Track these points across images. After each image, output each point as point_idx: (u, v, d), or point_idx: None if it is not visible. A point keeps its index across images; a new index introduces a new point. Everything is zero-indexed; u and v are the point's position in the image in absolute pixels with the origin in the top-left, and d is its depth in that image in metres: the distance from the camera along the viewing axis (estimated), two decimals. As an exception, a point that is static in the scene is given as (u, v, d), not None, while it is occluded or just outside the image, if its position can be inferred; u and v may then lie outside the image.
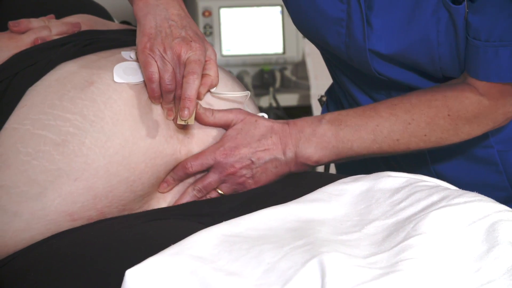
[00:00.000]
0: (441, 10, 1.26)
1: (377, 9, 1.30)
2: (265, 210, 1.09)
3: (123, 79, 1.23)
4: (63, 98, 1.19)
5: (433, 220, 1.04)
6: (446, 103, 1.29)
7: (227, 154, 1.24)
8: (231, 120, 1.26)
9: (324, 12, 1.34)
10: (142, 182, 1.21)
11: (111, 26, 1.47)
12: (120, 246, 1.05)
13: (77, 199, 1.16)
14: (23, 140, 1.16)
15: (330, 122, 1.29)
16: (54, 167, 1.16)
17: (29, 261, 1.10)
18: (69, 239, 1.12)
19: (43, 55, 1.26)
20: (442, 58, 1.30)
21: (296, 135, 1.27)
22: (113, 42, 1.31)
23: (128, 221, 1.15)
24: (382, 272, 0.95)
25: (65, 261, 1.05)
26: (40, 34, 1.33)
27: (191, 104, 1.19)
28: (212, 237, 1.02)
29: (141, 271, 0.95)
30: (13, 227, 1.15)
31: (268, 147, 1.26)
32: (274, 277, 0.95)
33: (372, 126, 1.29)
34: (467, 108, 1.29)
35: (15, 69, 1.23)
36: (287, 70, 3.15)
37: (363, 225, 1.08)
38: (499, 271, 0.98)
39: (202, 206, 1.21)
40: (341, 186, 1.18)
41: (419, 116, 1.29)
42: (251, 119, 1.27)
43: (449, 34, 1.27)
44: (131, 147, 1.20)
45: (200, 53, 1.23)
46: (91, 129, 1.18)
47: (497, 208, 1.07)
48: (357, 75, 1.44)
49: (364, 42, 1.32)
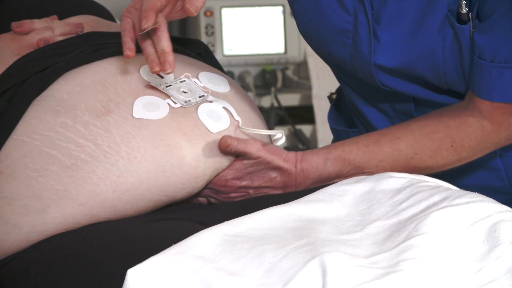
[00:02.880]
0: (447, 28, 1.26)
1: (384, 24, 1.29)
2: (267, 210, 1.09)
3: (142, 115, 1.20)
4: (76, 120, 1.17)
5: (434, 220, 1.04)
6: (449, 134, 1.29)
7: (226, 185, 1.26)
8: (246, 154, 1.25)
9: (331, 22, 1.34)
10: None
11: (114, 27, 1.46)
12: (121, 246, 1.05)
13: (78, 222, 1.16)
14: (32, 155, 1.15)
15: (334, 163, 1.30)
16: (61, 188, 1.14)
17: (29, 261, 1.09)
18: (69, 239, 1.12)
19: (51, 61, 1.24)
20: (448, 73, 1.30)
21: (301, 180, 1.29)
22: (120, 47, 1.27)
23: (129, 221, 1.15)
24: (383, 272, 0.95)
25: (65, 261, 1.05)
26: (43, 35, 1.32)
27: (148, 15, 1.18)
28: (214, 237, 1.02)
29: (143, 270, 0.95)
30: (11, 238, 1.14)
31: (269, 185, 1.28)
32: (276, 277, 0.95)
33: (375, 162, 1.30)
34: (470, 136, 1.29)
35: (22, 76, 1.21)
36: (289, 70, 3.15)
37: (365, 225, 1.08)
38: (500, 271, 0.98)
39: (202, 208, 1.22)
40: (343, 187, 1.18)
41: (422, 150, 1.30)
42: (264, 160, 1.26)
43: (454, 51, 1.27)
44: (144, 191, 1.18)
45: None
46: (104, 160, 1.16)
47: (499, 209, 1.07)
48: (360, 86, 1.44)
49: (370, 56, 1.32)
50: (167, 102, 1.23)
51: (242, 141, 1.24)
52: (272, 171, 1.28)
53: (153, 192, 1.19)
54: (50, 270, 1.05)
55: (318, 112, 2.95)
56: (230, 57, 3.06)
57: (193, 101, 1.25)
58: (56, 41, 1.32)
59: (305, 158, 1.30)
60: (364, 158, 1.30)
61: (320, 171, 1.30)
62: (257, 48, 3.10)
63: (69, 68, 1.23)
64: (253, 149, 1.25)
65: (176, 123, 1.21)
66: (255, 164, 1.26)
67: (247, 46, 3.08)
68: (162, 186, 1.19)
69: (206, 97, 1.26)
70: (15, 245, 1.14)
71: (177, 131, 1.21)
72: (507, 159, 1.41)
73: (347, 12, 1.32)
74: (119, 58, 1.27)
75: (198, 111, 1.24)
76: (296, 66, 3.16)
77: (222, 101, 1.28)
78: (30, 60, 1.25)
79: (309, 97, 3.02)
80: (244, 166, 1.26)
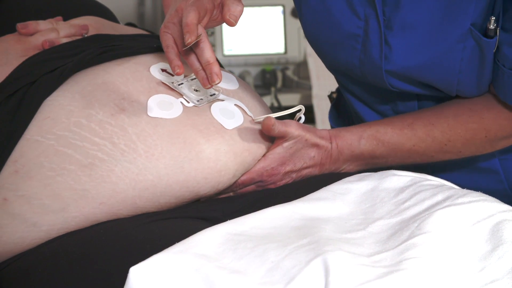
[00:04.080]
0: (469, 40, 1.26)
1: (396, 30, 1.29)
2: (270, 209, 1.09)
3: (157, 114, 1.20)
4: (91, 119, 1.17)
5: (437, 219, 1.04)
6: (483, 126, 1.31)
7: (272, 174, 1.27)
8: (287, 134, 1.26)
9: (340, 27, 1.33)
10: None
11: (119, 28, 1.46)
12: (125, 245, 1.05)
13: (99, 220, 1.15)
14: (47, 155, 1.15)
15: (368, 141, 1.32)
16: (80, 187, 1.14)
17: (34, 260, 1.10)
18: (73, 238, 1.12)
19: (59, 62, 1.24)
20: (461, 83, 1.31)
21: (335, 156, 1.31)
22: (128, 50, 1.29)
23: (133, 220, 1.15)
24: (386, 271, 0.95)
25: (69, 260, 1.05)
26: (48, 37, 1.32)
27: (190, 29, 1.17)
28: (217, 235, 1.02)
29: (145, 268, 0.95)
30: (31, 236, 1.14)
31: (309, 164, 1.29)
32: (278, 276, 0.95)
33: (408, 146, 1.32)
34: (505, 128, 1.32)
35: (31, 77, 1.21)
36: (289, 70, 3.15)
37: (368, 223, 1.08)
38: (503, 270, 0.98)
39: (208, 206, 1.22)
40: (346, 185, 1.18)
41: (456, 138, 1.32)
42: (302, 138, 1.27)
43: (472, 63, 1.28)
44: (164, 188, 1.18)
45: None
46: (122, 158, 1.16)
47: (502, 208, 1.07)
48: (363, 90, 1.44)
49: (380, 61, 1.32)
50: (180, 101, 1.24)
51: (282, 122, 1.25)
52: (311, 149, 1.29)
53: (174, 188, 1.19)
54: (53, 269, 1.05)
55: (318, 112, 2.95)
56: (230, 57, 3.06)
57: (205, 100, 1.26)
58: (62, 43, 1.32)
59: (338, 135, 1.31)
60: (398, 141, 1.32)
61: (354, 148, 1.31)
62: (257, 48, 3.10)
63: (78, 69, 1.23)
64: (292, 128, 1.26)
65: (191, 121, 1.22)
66: (295, 144, 1.27)
67: (247, 46, 3.08)
68: (182, 182, 1.19)
69: (217, 95, 1.27)
70: (34, 242, 1.14)
71: (192, 128, 1.21)
72: (505, 162, 1.42)
73: (357, 17, 1.31)
74: (127, 59, 1.27)
75: (212, 110, 1.25)
76: (296, 66, 3.16)
77: (232, 99, 1.29)
78: (38, 61, 1.25)
79: (309, 97, 3.02)
80: (284, 149, 1.27)
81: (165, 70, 1.27)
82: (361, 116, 1.47)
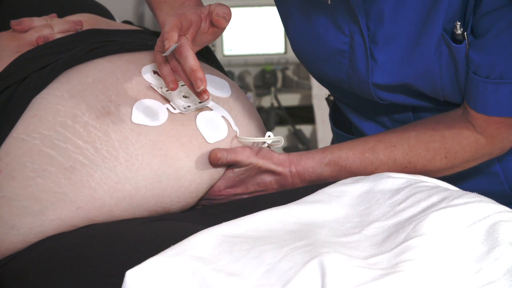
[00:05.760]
0: (443, 46, 1.26)
1: (381, 44, 1.29)
2: (266, 211, 1.09)
3: (141, 121, 1.20)
4: (76, 120, 1.17)
5: (433, 221, 1.04)
6: (444, 145, 1.31)
7: (219, 195, 1.27)
8: (237, 163, 1.26)
9: (326, 43, 1.34)
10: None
11: (114, 25, 1.46)
12: (120, 247, 1.05)
13: (75, 225, 1.16)
14: (31, 155, 1.15)
15: (330, 167, 1.32)
16: (59, 190, 1.14)
17: (28, 262, 1.09)
18: (67, 239, 1.11)
19: (51, 58, 1.24)
20: (445, 88, 1.30)
21: (296, 181, 1.31)
22: (122, 46, 1.29)
23: (127, 222, 1.15)
24: (382, 273, 0.95)
25: (64, 261, 1.05)
26: (42, 33, 1.32)
27: (168, 36, 1.17)
28: (213, 237, 1.02)
29: (142, 271, 0.95)
30: (9, 239, 1.14)
31: (264, 189, 1.29)
32: (275, 278, 0.95)
33: (370, 170, 1.31)
34: (465, 149, 1.30)
35: (22, 74, 1.21)
36: (289, 70, 3.15)
37: (363, 226, 1.08)
38: (500, 272, 0.98)
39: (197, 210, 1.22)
40: (341, 188, 1.18)
41: (416, 159, 1.31)
42: (255, 166, 1.27)
43: (450, 68, 1.28)
44: (141, 200, 1.18)
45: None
46: (103, 164, 1.16)
47: (497, 209, 1.07)
48: (357, 101, 1.44)
49: (367, 75, 1.32)
50: (166, 107, 1.23)
51: (232, 151, 1.25)
52: (266, 175, 1.29)
53: (149, 201, 1.19)
54: (48, 271, 1.05)
55: (318, 112, 2.95)
56: (230, 57, 3.06)
57: (192, 107, 1.25)
58: (56, 39, 1.32)
59: (299, 161, 1.30)
60: (360, 166, 1.32)
61: (316, 174, 1.31)
62: (257, 48, 3.10)
63: (69, 66, 1.23)
64: (243, 156, 1.26)
65: (174, 132, 1.21)
66: (246, 171, 1.27)
67: (247, 46, 3.08)
68: (158, 197, 1.19)
69: (206, 103, 1.26)
70: (13, 246, 1.14)
71: (175, 140, 1.21)
72: (506, 163, 1.41)
73: (342, 33, 1.32)
74: (119, 56, 1.27)
75: (197, 120, 1.24)
76: (296, 66, 3.16)
77: (221, 109, 1.28)
78: (30, 58, 1.25)
79: (309, 97, 3.02)
80: (235, 174, 1.27)
81: (156, 72, 1.27)
82: (358, 126, 1.47)
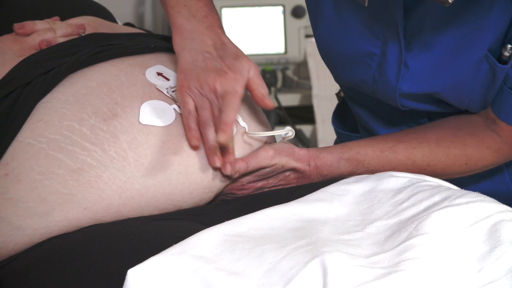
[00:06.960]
0: (483, 64, 1.27)
1: (416, 52, 1.29)
2: (268, 210, 1.09)
3: (149, 121, 1.19)
4: (83, 124, 1.17)
5: (435, 220, 1.04)
6: (465, 152, 1.31)
7: (243, 189, 1.26)
8: (262, 167, 1.25)
9: (356, 44, 1.33)
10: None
11: (117, 28, 1.46)
12: (122, 246, 1.05)
13: (82, 225, 1.15)
14: (38, 158, 1.14)
15: (348, 163, 1.31)
16: (66, 192, 1.14)
17: (30, 261, 1.09)
18: (70, 239, 1.11)
19: (54, 62, 1.23)
20: (473, 101, 1.31)
21: (314, 178, 1.30)
22: (125, 49, 1.29)
23: (130, 221, 1.15)
24: (384, 272, 0.95)
25: (66, 261, 1.05)
26: (45, 37, 1.32)
27: (227, 129, 1.16)
28: (214, 236, 1.02)
29: (143, 270, 0.95)
30: (14, 240, 1.14)
31: (285, 183, 1.29)
32: (276, 277, 0.95)
33: (388, 169, 1.31)
34: (486, 157, 1.32)
35: (26, 78, 1.20)
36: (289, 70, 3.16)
37: (365, 224, 1.08)
38: (501, 271, 0.98)
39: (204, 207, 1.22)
40: (344, 186, 1.18)
41: (436, 163, 1.32)
42: (278, 165, 1.26)
43: (484, 83, 1.29)
44: (150, 199, 1.18)
45: (235, 83, 1.19)
46: (111, 165, 1.16)
47: (499, 208, 1.07)
48: (375, 105, 1.43)
49: (396, 82, 1.32)
50: (173, 107, 1.22)
51: (253, 158, 1.23)
52: (287, 171, 1.28)
53: (159, 199, 1.18)
54: (51, 270, 1.05)
55: (318, 112, 2.95)
56: (230, 57, 3.05)
57: None
58: (59, 43, 1.32)
59: (318, 156, 1.30)
60: (378, 163, 1.31)
61: (334, 169, 1.31)
62: (257, 48, 3.10)
63: (73, 70, 1.23)
64: (265, 161, 1.24)
65: (183, 131, 1.21)
66: (271, 171, 1.26)
67: (247, 46, 3.08)
68: (168, 195, 1.19)
69: None
70: (17, 247, 1.14)
71: (184, 139, 1.20)
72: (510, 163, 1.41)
73: (375, 36, 1.31)
74: (122, 60, 1.27)
75: None
76: (296, 66, 3.16)
77: None
78: (33, 62, 1.25)
79: (309, 97, 3.03)
80: (260, 172, 1.26)
81: (161, 74, 1.27)
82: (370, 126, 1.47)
